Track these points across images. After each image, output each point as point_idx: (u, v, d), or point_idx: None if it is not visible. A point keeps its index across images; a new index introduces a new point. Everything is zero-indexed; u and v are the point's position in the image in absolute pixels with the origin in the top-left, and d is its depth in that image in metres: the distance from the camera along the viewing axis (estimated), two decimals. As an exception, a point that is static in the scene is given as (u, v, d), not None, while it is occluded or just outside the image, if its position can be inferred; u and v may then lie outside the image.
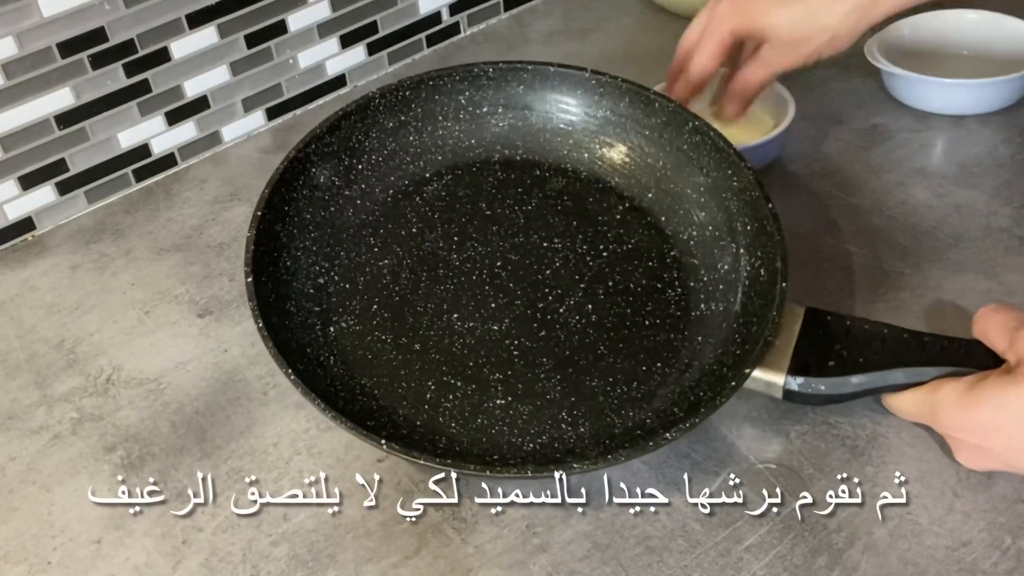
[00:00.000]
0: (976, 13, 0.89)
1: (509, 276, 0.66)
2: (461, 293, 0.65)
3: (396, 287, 0.66)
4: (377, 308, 0.65)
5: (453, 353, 0.63)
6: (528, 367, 0.62)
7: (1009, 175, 0.78)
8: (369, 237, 0.68)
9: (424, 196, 0.70)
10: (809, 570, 0.54)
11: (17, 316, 0.76)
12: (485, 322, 0.64)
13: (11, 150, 0.80)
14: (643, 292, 0.65)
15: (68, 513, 0.61)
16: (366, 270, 0.66)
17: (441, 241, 0.68)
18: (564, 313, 0.64)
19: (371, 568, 0.56)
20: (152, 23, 0.82)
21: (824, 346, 0.59)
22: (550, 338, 0.63)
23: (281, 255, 0.64)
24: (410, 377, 0.62)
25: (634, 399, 0.60)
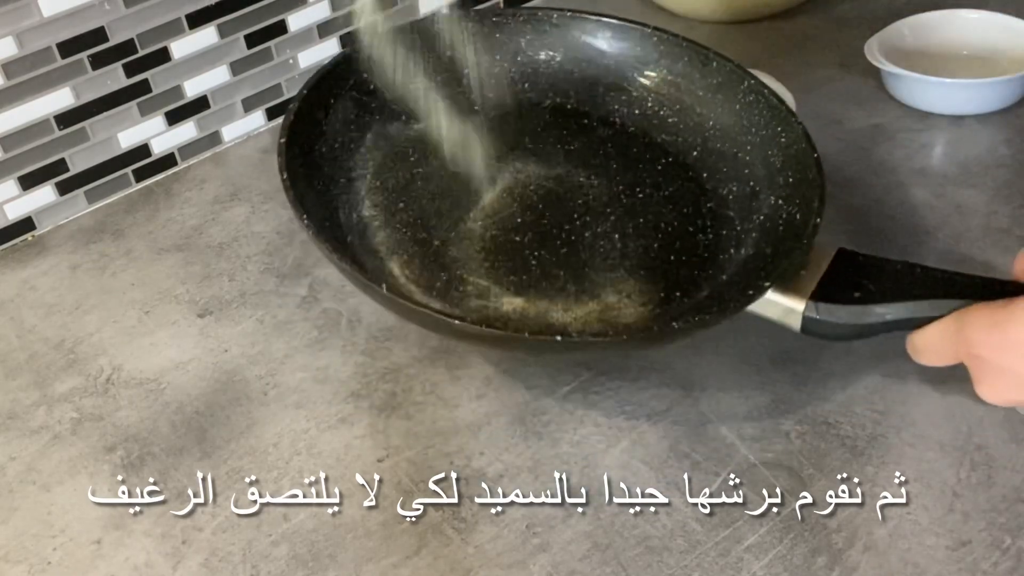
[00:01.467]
0: (976, 13, 0.89)
1: (540, 199, 0.66)
2: (489, 205, 0.66)
3: (426, 191, 0.66)
4: (404, 206, 0.65)
5: (471, 253, 0.63)
6: (544, 276, 0.62)
7: (1009, 175, 0.78)
8: (408, 148, 0.68)
9: (468, 124, 0.69)
10: (809, 570, 0.54)
11: (17, 316, 0.76)
12: (508, 233, 0.64)
13: (11, 150, 0.80)
14: (673, 232, 0.65)
15: (68, 513, 0.61)
16: (399, 174, 0.67)
17: (477, 163, 0.68)
18: (589, 237, 0.64)
19: (371, 568, 0.56)
20: (152, 23, 0.82)
21: (851, 280, 0.56)
22: (571, 256, 0.63)
23: (317, 141, 0.64)
24: (425, 266, 0.62)
25: (647, 318, 0.60)
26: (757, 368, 0.65)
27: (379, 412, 0.65)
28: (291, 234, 0.80)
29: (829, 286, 0.56)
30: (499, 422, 0.63)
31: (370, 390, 0.66)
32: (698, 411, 0.63)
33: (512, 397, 0.65)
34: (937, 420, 0.60)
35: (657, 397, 0.64)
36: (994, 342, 0.49)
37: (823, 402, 0.62)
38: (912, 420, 0.61)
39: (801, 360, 0.65)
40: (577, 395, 0.64)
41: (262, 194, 0.85)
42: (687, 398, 0.63)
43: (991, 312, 0.50)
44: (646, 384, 0.65)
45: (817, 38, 0.97)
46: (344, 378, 0.67)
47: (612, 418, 0.63)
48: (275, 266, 0.77)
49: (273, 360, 0.69)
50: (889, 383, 0.63)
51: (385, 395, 0.66)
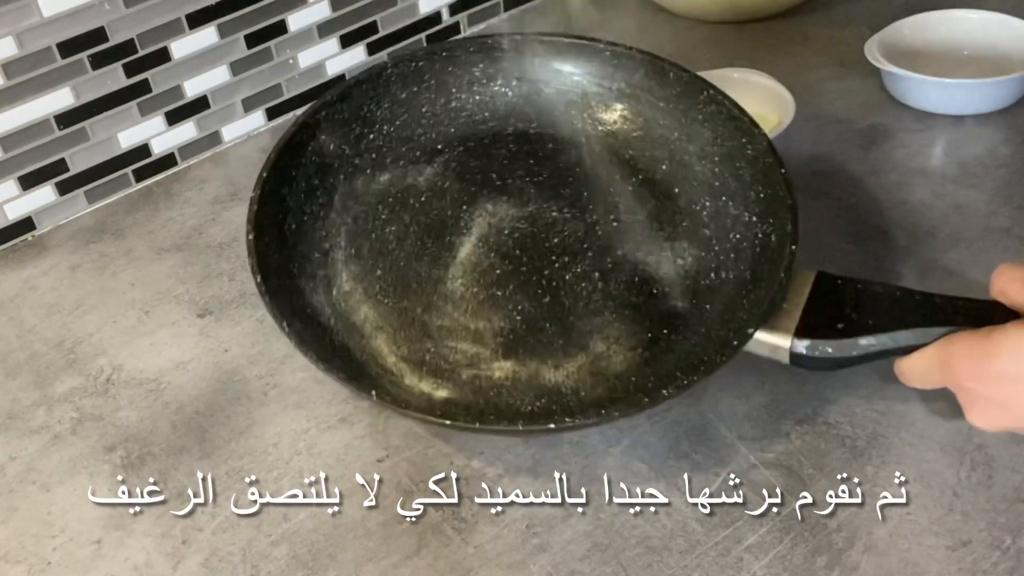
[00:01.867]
0: (976, 13, 0.89)
1: (516, 243, 0.66)
2: (467, 260, 0.65)
3: (401, 252, 0.65)
4: (381, 273, 0.65)
5: (455, 318, 0.63)
6: (530, 332, 0.62)
7: (1009, 175, 0.78)
8: (377, 205, 0.67)
9: (434, 166, 0.69)
10: (809, 570, 0.54)
11: (17, 316, 0.76)
12: (489, 288, 0.64)
13: (11, 150, 0.80)
14: (652, 261, 0.64)
15: (68, 513, 0.61)
16: (372, 236, 0.66)
17: (449, 210, 0.67)
18: (570, 280, 0.64)
19: (371, 568, 0.56)
20: (152, 23, 0.82)
21: (834, 310, 0.56)
22: (554, 304, 0.63)
23: (286, 218, 0.63)
24: (410, 339, 0.61)
25: (637, 364, 0.60)
26: (757, 368, 0.65)
27: (379, 412, 0.65)
28: (291, 234, 0.80)
29: (812, 318, 0.56)
30: (499, 422, 0.63)
31: (370, 390, 0.66)
32: (698, 411, 0.63)
33: (512, 397, 0.65)
34: (937, 420, 0.60)
35: (657, 397, 0.64)
36: (979, 373, 0.50)
37: (823, 402, 0.62)
38: (912, 420, 0.61)
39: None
40: (577, 395, 0.64)
41: (262, 194, 0.85)
42: (687, 398, 0.63)
43: (974, 343, 0.50)
44: (646, 384, 0.64)
45: (817, 38, 0.97)
46: (344, 378, 0.67)
47: (612, 418, 0.63)
48: (275, 266, 0.77)
49: (273, 360, 0.69)
50: (889, 383, 0.63)
51: (385, 395, 0.66)
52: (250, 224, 0.60)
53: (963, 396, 0.52)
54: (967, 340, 0.50)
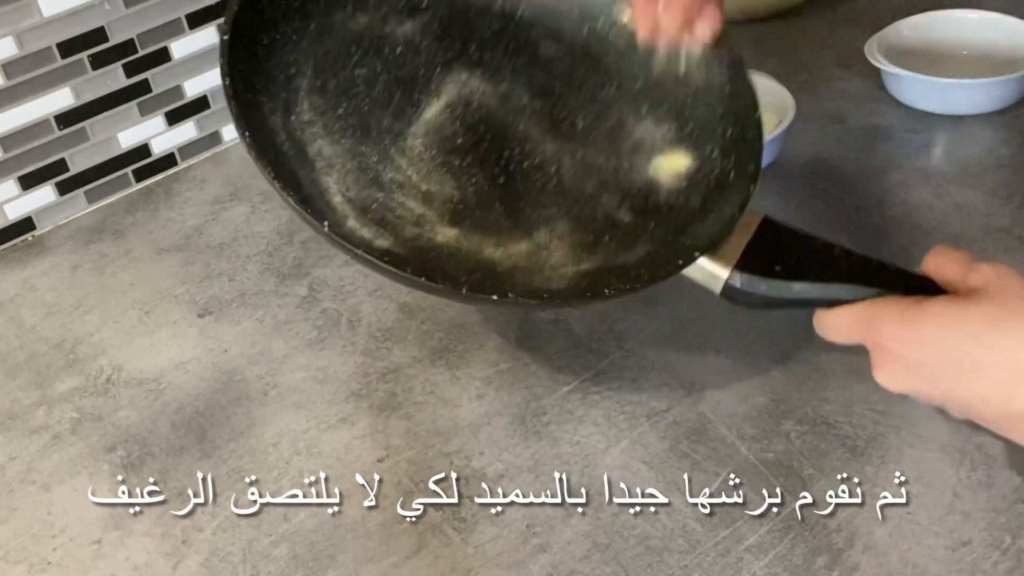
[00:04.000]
0: (976, 13, 0.89)
1: (482, 119, 0.65)
2: (431, 121, 0.65)
3: (367, 98, 0.64)
4: (343, 112, 0.63)
5: (408, 175, 0.62)
6: (480, 207, 0.61)
7: (1009, 175, 0.78)
8: (351, 44, 0.66)
9: (415, 22, 0.68)
10: (809, 570, 0.54)
11: (17, 316, 0.76)
12: (448, 154, 0.63)
13: (11, 150, 0.80)
14: (610, 171, 0.64)
15: (68, 513, 0.61)
16: (340, 74, 0.65)
17: (422, 68, 0.66)
18: (527, 168, 0.64)
19: (371, 568, 0.56)
20: (152, 23, 0.82)
21: (774, 253, 0.57)
22: (508, 186, 0.63)
23: (260, 32, 0.62)
24: (360, 184, 0.61)
25: (574, 262, 0.60)
26: (757, 368, 0.65)
27: (379, 412, 0.65)
28: (291, 234, 0.80)
29: (753, 256, 0.57)
30: (499, 422, 0.63)
31: (370, 390, 0.66)
32: (698, 411, 0.63)
33: (512, 397, 0.65)
34: (937, 420, 0.60)
35: (657, 397, 0.64)
36: (902, 336, 0.51)
37: (823, 402, 0.62)
38: (912, 420, 0.61)
39: (801, 360, 0.65)
40: (577, 395, 0.64)
41: (262, 194, 0.85)
42: (687, 398, 0.63)
43: (904, 308, 0.52)
44: (646, 384, 0.65)
45: (817, 38, 0.97)
46: (344, 378, 0.67)
47: (612, 418, 0.63)
48: (275, 266, 0.77)
49: (273, 360, 0.69)
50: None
51: (385, 395, 0.66)
52: (227, 25, 0.59)
53: (878, 354, 0.53)
54: (897, 304, 0.52)
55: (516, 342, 0.68)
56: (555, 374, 0.66)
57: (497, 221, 0.61)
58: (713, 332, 0.67)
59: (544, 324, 0.69)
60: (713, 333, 0.67)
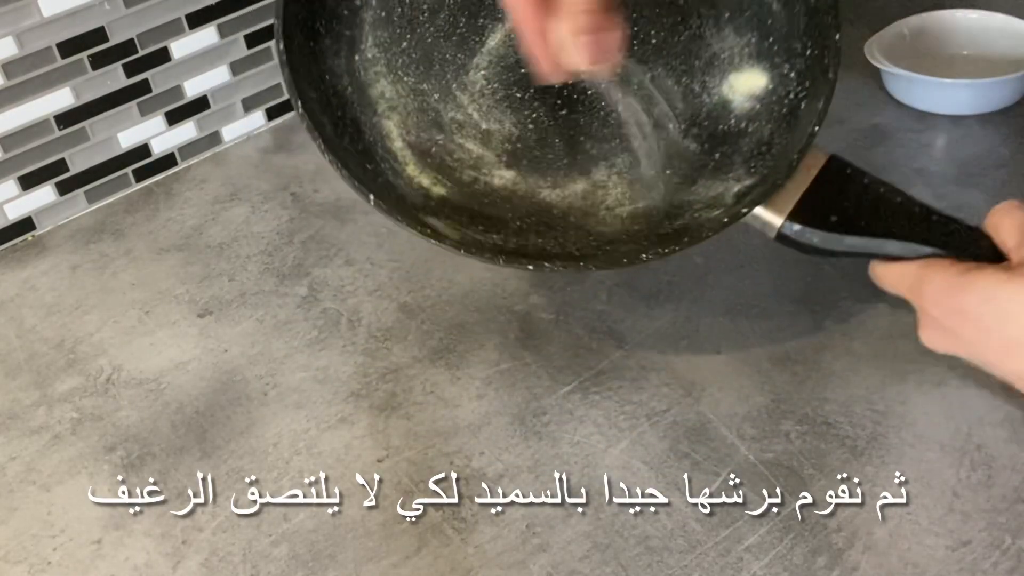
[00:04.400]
0: (976, 13, 0.89)
1: None
2: (494, 50, 0.63)
3: (431, 27, 0.63)
4: (407, 46, 0.62)
5: (469, 113, 0.61)
6: (538, 144, 0.60)
7: (1009, 175, 0.78)
8: None
9: None
10: (809, 570, 0.54)
11: (17, 316, 0.76)
12: (509, 86, 0.62)
13: (11, 150, 0.80)
14: (679, 93, 0.62)
15: (68, 513, 0.61)
16: (405, 2, 0.63)
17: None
18: (591, 96, 0.62)
19: (371, 568, 0.56)
20: (152, 23, 0.82)
21: (832, 201, 0.55)
22: (569, 119, 0.61)
23: None
24: (420, 126, 0.60)
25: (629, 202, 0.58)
26: (757, 368, 0.65)
27: (379, 412, 0.65)
28: (291, 234, 0.80)
29: (809, 204, 0.55)
30: (499, 422, 0.63)
31: (370, 390, 0.66)
32: (698, 411, 0.63)
33: (512, 397, 0.65)
34: (937, 420, 0.60)
35: (657, 397, 0.64)
36: (945, 304, 0.51)
37: (823, 402, 0.62)
38: (912, 420, 0.61)
39: (801, 360, 0.65)
40: (577, 395, 0.64)
41: (262, 194, 0.85)
42: (687, 398, 0.63)
43: (951, 276, 0.51)
44: (646, 384, 0.65)
45: (817, 38, 0.97)
46: (344, 378, 0.67)
47: (612, 418, 0.63)
48: (275, 266, 0.77)
49: (273, 360, 0.69)
50: (889, 383, 0.63)
51: (385, 395, 0.66)
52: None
53: (923, 316, 0.53)
54: (945, 271, 0.51)
55: (516, 342, 0.68)
56: (555, 374, 0.66)
57: (555, 160, 0.59)
58: (713, 332, 0.67)
59: (544, 324, 0.69)
60: (713, 333, 0.67)
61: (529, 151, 0.60)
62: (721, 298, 0.70)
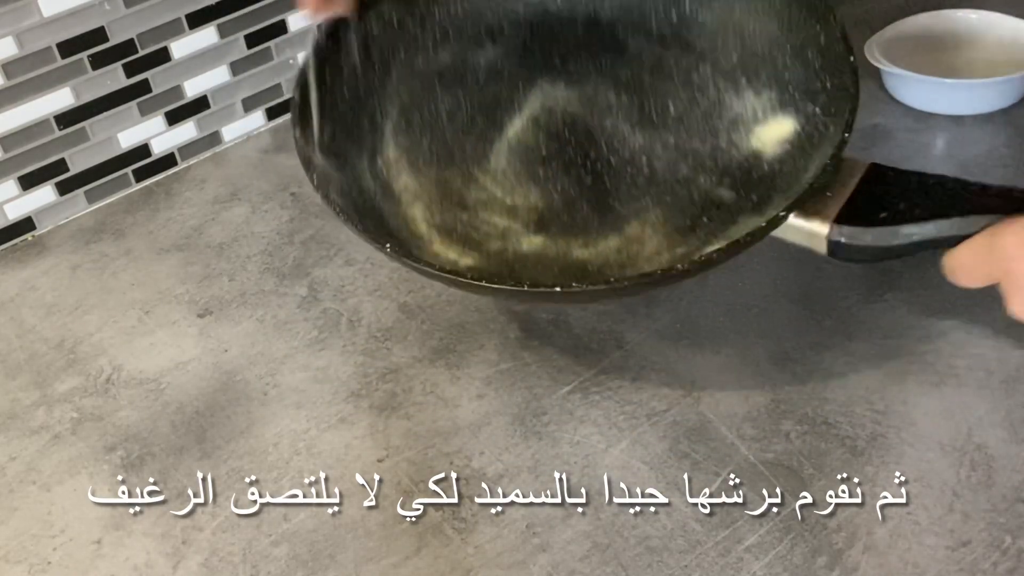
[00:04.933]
0: (976, 13, 0.89)
1: (566, 124, 0.64)
2: (514, 137, 0.64)
3: (451, 127, 0.64)
4: (427, 144, 0.63)
5: (492, 192, 0.61)
6: (566, 210, 0.60)
7: (1009, 175, 0.78)
8: (434, 80, 0.66)
9: (496, 46, 0.67)
10: (809, 570, 0.54)
11: (17, 316, 0.76)
12: (532, 165, 0.62)
13: (11, 150, 0.80)
14: (707, 152, 0.62)
15: (68, 513, 0.61)
16: (424, 111, 0.65)
17: (505, 90, 0.66)
18: (616, 163, 0.62)
19: (371, 568, 0.56)
20: (152, 23, 0.82)
21: (880, 201, 0.53)
22: (596, 185, 0.61)
23: (339, 87, 0.61)
24: (445, 209, 0.60)
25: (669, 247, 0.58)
26: (757, 368, 0.65)
27: (379, 412, 0.65)
28: (291, 234, 0.80)
29: (856, 206, 0.53)
30: (499, 422, 0.63)
31: (370, 390, 0.66)
32: (698, 411, 0.63)
33: (512, 397, 0.65)
34: (937, 420, 0.60)
35: (657, 397, 0.64)
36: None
37: (823, 402, 0.62)
38: (912, 420, 0.61)
39: (801, 360, 0.65)
40: (577, 395, 0.64)
41: (262, 194, 0.85)
42: (687, 398, 0.63)
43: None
44: (646, 384, 0.65)
45: (817, 38, 0.97)
46: (344, 378, 0.67)
47: (612, 418, 0.63)
48: (275, 266, 0.77)
49: (273, 360, 0.69)
50: (889, 383, 0.63)
51: (385, 395, 0.66)
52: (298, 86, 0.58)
53: (1011, 282, 0.48)
54: (1018, 223, 0.47)
55: (516, 342, 0.68)
56: (555, 374, 0.66)
57: (585, 221, 0.60)
58: (713, 332, 0.67)
59: (544, 324, 0.69)
60: (713, 333, 0.67)
61: (557, 217, 0.60)
62: (721, 298, 0.70)
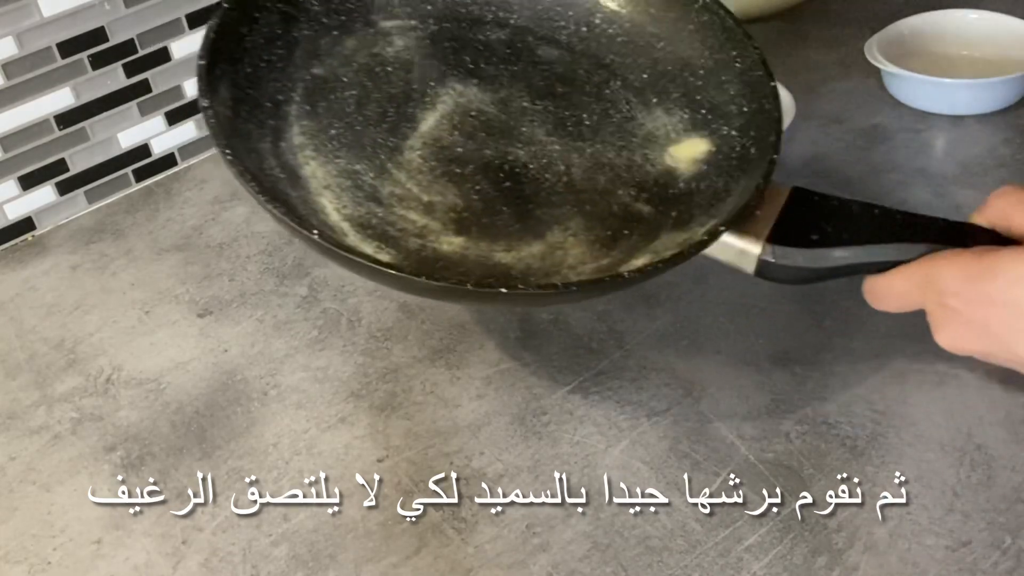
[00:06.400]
0: (976, 13, 0.89)
1: (482, 125, 0.63)
2: (428, 133, 0.63)
3: (359, 116, 0.63)
4: (336, 133, 0.61)
5: (408, 188, 0.60)
6: (486, 213, 0.59)
7: (1009, 175, 0.78)
8: (339, 67, 0.64)
9: (406, 39, 0.67)
10: (809, 570, 0.54)
11: (17, 316, 0.76)
12: (448, 164, 0.61)
13: (11, 150, 0.80)
14: (623, 165, 0.62)
15: (68, 513, 0.61)
16: (331, 96, 0.63)
17: (416, 83, 0.65)
18: (534, 169, 0.62)
19: (371, 568, 0.56)
20: (152, 23, 0.82)
21: (808, 223, 0.54)
22: (515, 189, 0.60)
23: (242, 60, 0.60)
24: (357, 201, 0.59)
25: (593, 258, 0.57)
26: (757, 368, 0.65)
27: (379, 412, 0.65)
28: (291, 234, 0.80)
29: (786, 228, 0.53)
30: (499, 422, 0.63)
31: (370, 390, 0.66)
32: (698, 411, 0.63)
33: (512, 397, 0.65)
34: (937, 420, 0.60)
35: (657, 397, 0.64)
36: (969, 293, 0.47)
37: (823, 402, 0.62)
38: (912, 420, 0.61)
39: (801, 360, 0.65)
40: (577, 395, 0.64)
41: (262, 194, 0.85)
42: (687, 398, 0.63)
43: (968, 262, 0.47)
44: (646, 384, 0.65)
45: (817, 38, 0.97)
46: (344, 378, 0.67)
47: (612, 418, 0.63)
48: (275, 266, 0.77)
49: (273, 360, 0.69)
50: (889, 383, 0.63)
51: (385, 395, 0.66)
52: (204, 51, 0.57)
53: (940, 315, 0.49)
54: (958, 258, 0.48)
55: (516, 342, 0.68)
56: (555, 374, 0.66)
57: (506, 225, 0.59)
58: (713, 332, 0.67)
59: (544, 324, 0.69)
60: (713, 333, 0.67)
61: (476, 218, 0.59)
62: (721, 298, 0.70)
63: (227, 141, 0.54)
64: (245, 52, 0.61)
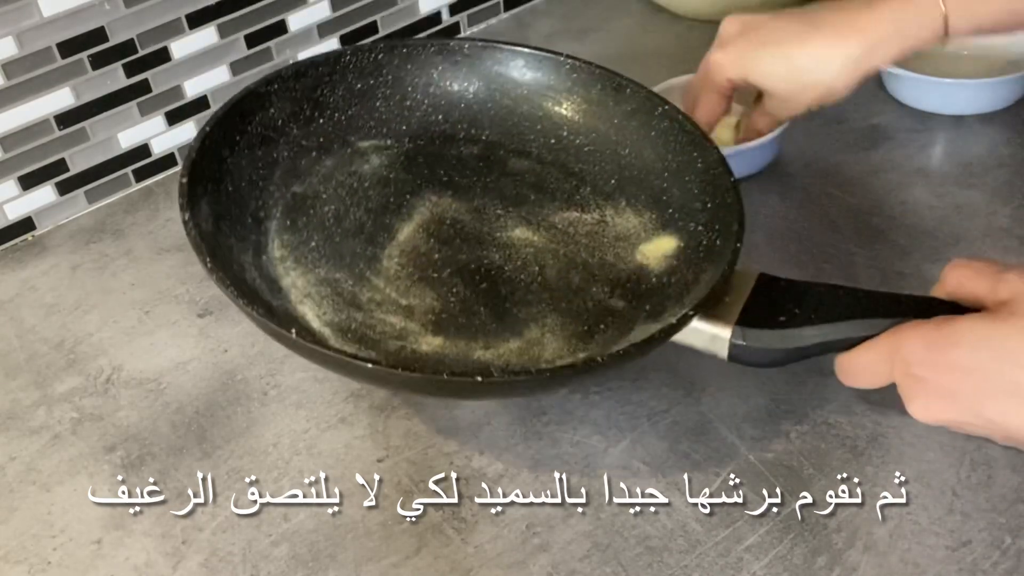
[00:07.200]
0: (976, 13, 0.89)
1: (457, 233, 0.66)
2: (405, 242, 0.65)
3: (338, 229, 0.65)
4: (315, 244, 0.64)
5: (386, 293, 0.62)
6: (464, 313, 0.61)
7: (1009, 175, 0.78)
8: (318, 185, 0.67)
9: (381, 158, 0.69)
10: (809, 570, 0.54)
11: (17, 316, 0.76)
12: (425, 269, 0.63)
13: (11, 150, 0.80)
14: (596, 264, 0.64)
15: (68, 513, 0.61)
16: (310, 211, 0.65)
17: (392, 197, 0.67)
18: (509, 271, 0.64)
19: (371, 568, 0.56)
20: (152, 23, 0.82)
21: (775, 306, 0.56)
22: (491, 290, 0.63)
23: (224, 179, 0.62)
24: (337, 307, 0.61)
25: (571, 353, 0.59)
26: (757, 368, 0.65)
27: (379, 412, 0.65)
28: (291, 234, 0.80)
29: (754, 311, 0.56)
30: (499, 422, 0.63)
31: (370, 390, 0.66)
32: (698, 411, 0.63)
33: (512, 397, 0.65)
34: (937, 420, 0.60)
35: (657, 397, 0.64)
36: (934, 362, 0.48)
37: (823, 402, 0.62)
38: (912, 420, 0.60)
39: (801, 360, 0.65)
40: (577, 395, 0.64)
41: (262, 194, 0.85)
42: (687, 398, 0.63)
43: (930, 331, 0.49)
44: (646, 384, 0.65)
45: (817, 38, 0.97)
46: (344, 378, 0.67)
47: (612, 418, 0.63)
48: (275, 266, 0.77)
49: (273, 360, 0.69)
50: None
51: (385, 395, 0.66)
52: (185, 170, 0.59)
53: (910, 386, 0.50)
54: (921, 328, 0.49)
55: (516, 342, 0.68)
56: (555, 374, 0.66)
57: (484, 324, 0.61)
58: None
59: (544, 324, 0.69)
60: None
61: (454, 319, 0.61)
62: (721, 298, 0.69)
63: (209, 254, 0.56)
64: (227, 172, 0.63)
